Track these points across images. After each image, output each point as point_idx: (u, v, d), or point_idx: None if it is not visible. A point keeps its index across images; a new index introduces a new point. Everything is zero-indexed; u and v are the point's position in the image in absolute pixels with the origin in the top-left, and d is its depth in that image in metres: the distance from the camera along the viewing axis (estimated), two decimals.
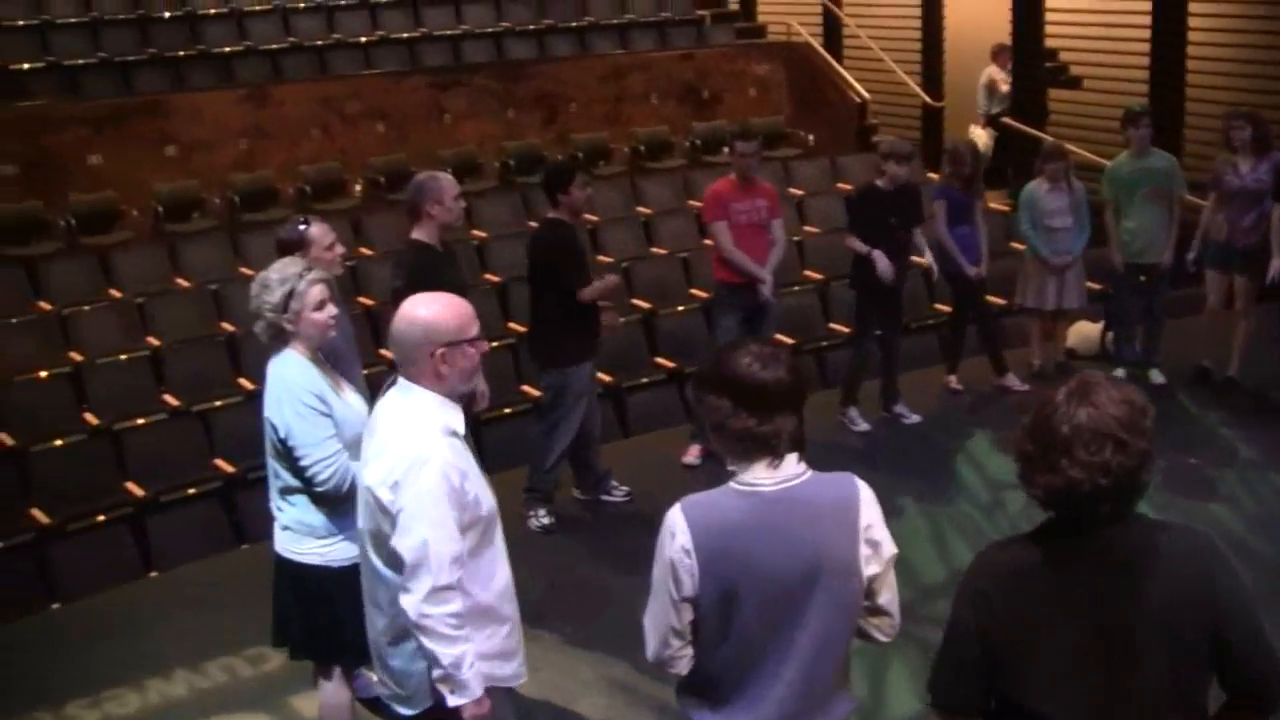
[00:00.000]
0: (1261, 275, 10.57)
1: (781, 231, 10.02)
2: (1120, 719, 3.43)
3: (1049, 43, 18.06)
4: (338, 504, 5.46)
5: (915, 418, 10.62)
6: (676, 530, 3.82)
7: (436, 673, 4.45)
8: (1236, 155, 10.63)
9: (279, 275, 5.51)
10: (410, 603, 4.37)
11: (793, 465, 3.84)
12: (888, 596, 3.93)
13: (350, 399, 5.67)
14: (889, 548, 3.87)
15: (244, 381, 10.84)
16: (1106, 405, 3.36)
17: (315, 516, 5.57)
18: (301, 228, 6.86)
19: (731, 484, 3.86)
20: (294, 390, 5.44)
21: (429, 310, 4.50)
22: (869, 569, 3.84)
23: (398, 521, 4.36)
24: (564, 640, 7.42)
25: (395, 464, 4.38)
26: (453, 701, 4.48)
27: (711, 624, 3.87)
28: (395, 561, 4.42)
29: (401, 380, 4.55)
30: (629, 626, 7.38)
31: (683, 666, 3.97)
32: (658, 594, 3.90)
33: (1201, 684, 3.49)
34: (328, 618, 5.59)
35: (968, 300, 11.14)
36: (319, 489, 5.46)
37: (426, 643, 4.40)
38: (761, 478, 3.82)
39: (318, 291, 5.55)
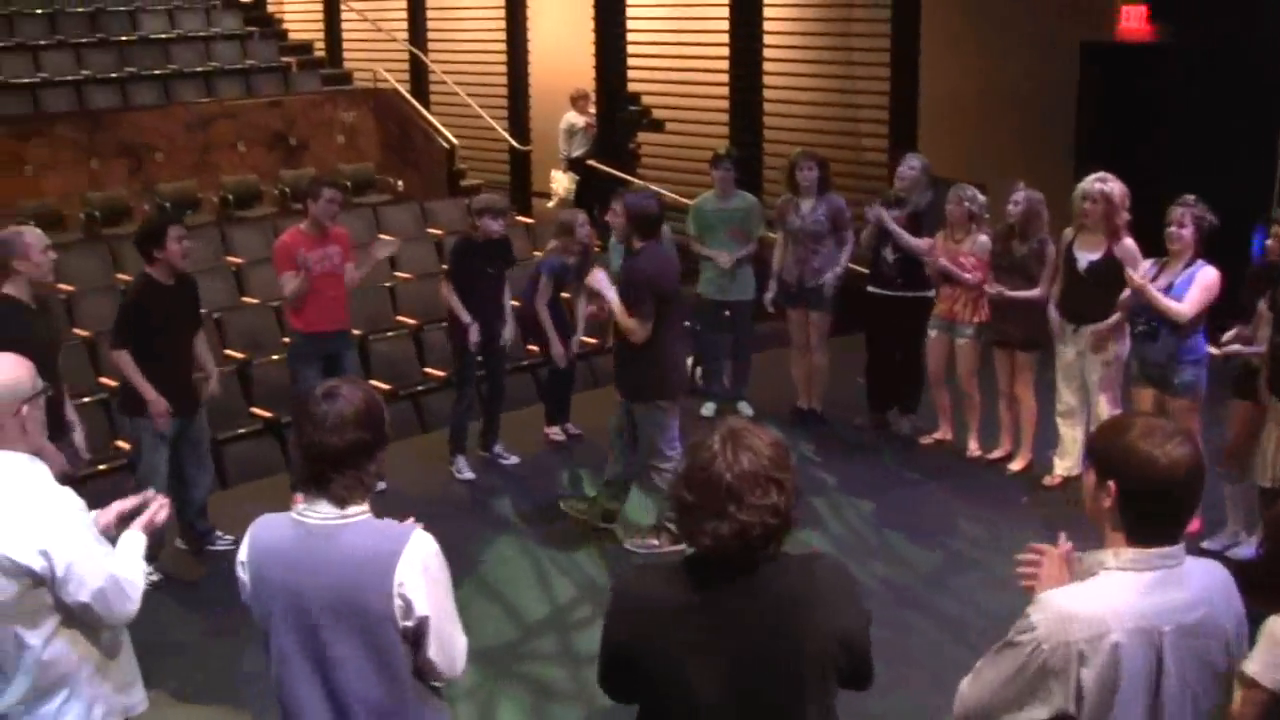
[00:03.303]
0: (831, 310, 11.13)
1: (354, 273, 10.06)
2: None
3: (632, 87, 18.57)
4: None
5: (514, 459, 10.73)
6: (244, 542, 4.15)
7: None
8: (800, 196, 10.99)
9: None
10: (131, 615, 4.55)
11: (328, 507, 4.01)
12: (428, 651, 4.02)
13: None
14: (421, 609, 3.95)
15: None
16: (761, 449, 3.52)
17: None
18: None
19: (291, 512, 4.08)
20: None
21: (2, 372, 4.47)
22: (403, 622, 3.96)
23: (70, 577, 4.33)
24: (170, 695, 7.26)
25: (34, 529, 4.31)
26: None
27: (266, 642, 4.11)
28: (36, 618, 4.39)
29: None
30: (236, 678, 7.38)
31: None
32: None
33: (831, 704, 3.69)
34: None
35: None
36: None
37: None
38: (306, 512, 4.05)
39: None
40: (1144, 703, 3.45)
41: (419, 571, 3.95)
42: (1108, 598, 3.45)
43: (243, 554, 4.13)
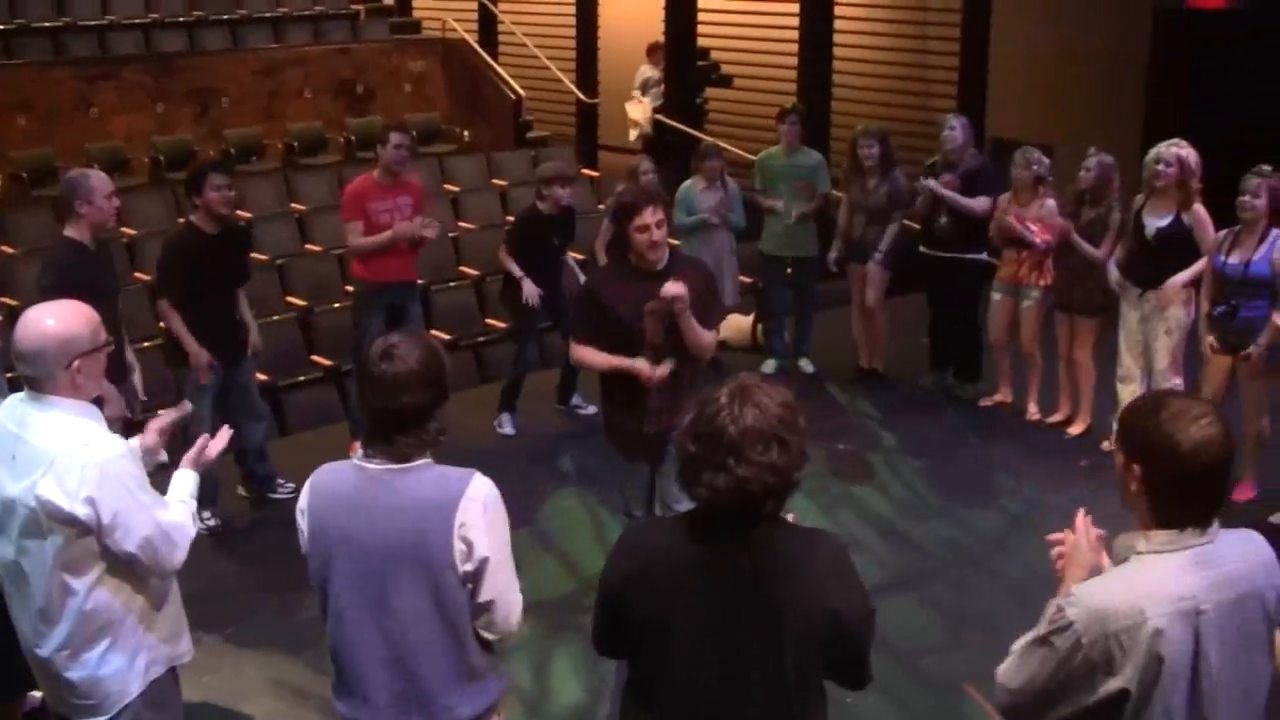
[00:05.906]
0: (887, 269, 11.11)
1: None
2: (737, 707, 3.61)
3: (701, 42, 18.48)
4: None
5: (592, 408, 10.35)
6: (304, 490, 4.11)
7: None
8: (864, 173, 10.96)
9: None
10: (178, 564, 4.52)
11: (389, 460, 3.99)
12: (487, 595, 3.99)
13: None
14: (482, 550, 3.93)
15: None
16: (769, 406, 3.51)
17: None
18: None
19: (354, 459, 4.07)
20: None
21: (60, 322, 4.41)
22: (464, 566, 3.93)
23: (116, 525, 4.30)
24: (226, 641, 7.33)
25: (81, 477, 4.26)
26: None
27: (322, 591, 4.08)
28: (81, 566, 4.35)
29: (31, 393, 4.44)
30: (294, 625, 7.40)
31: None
32: None
33: (818, 682, 3.70)
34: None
35: None
36: None
37: None
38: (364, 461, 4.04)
39: None
40: (1188, 684, 3.39)
41: (480, 512, 3.93)
42: (1142, 584, 3.39)
43: (302, 502, 4.11)
